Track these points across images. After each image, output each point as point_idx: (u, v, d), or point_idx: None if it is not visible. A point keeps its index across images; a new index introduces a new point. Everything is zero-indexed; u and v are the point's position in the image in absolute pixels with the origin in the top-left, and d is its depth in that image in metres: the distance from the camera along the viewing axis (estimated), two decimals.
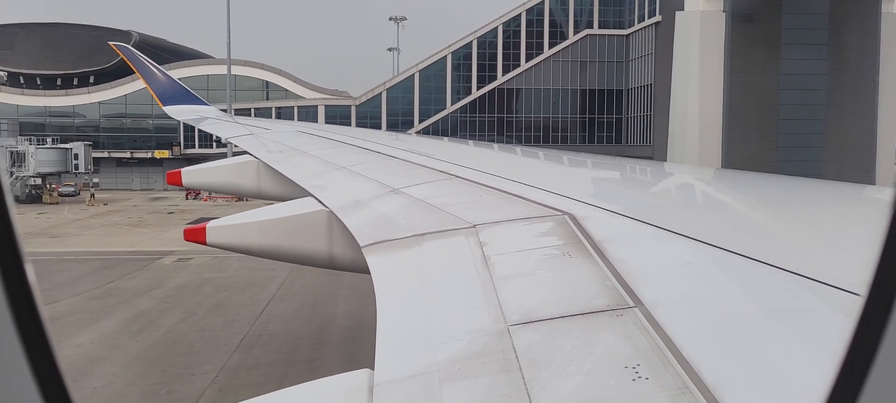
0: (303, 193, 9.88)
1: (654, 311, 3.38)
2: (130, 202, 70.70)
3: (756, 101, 65.26)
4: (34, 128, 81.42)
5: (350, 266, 8.00)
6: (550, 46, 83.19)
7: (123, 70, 68.97)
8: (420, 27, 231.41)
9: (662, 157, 67.55)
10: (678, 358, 2.88)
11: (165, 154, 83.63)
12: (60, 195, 69.90)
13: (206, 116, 24.55)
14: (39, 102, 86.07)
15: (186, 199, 71.35)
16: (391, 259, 5.64)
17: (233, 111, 70.11)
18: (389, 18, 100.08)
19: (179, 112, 24.85)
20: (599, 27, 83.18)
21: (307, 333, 23.19)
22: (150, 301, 27.64)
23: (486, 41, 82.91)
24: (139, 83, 54.63)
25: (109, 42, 30.19)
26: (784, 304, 3.52)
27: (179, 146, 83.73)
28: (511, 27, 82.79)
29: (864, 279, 1.33)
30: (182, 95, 25.76)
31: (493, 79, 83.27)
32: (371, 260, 5.59)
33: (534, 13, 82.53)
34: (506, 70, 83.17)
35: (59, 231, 49.24)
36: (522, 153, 17.29)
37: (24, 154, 67.52)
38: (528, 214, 6.12)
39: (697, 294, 3.79)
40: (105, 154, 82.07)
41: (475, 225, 5.93)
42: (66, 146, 71.79)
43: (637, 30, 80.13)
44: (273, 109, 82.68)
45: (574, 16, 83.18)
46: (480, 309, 3.95)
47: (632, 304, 3.57)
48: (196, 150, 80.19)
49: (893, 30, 65.92)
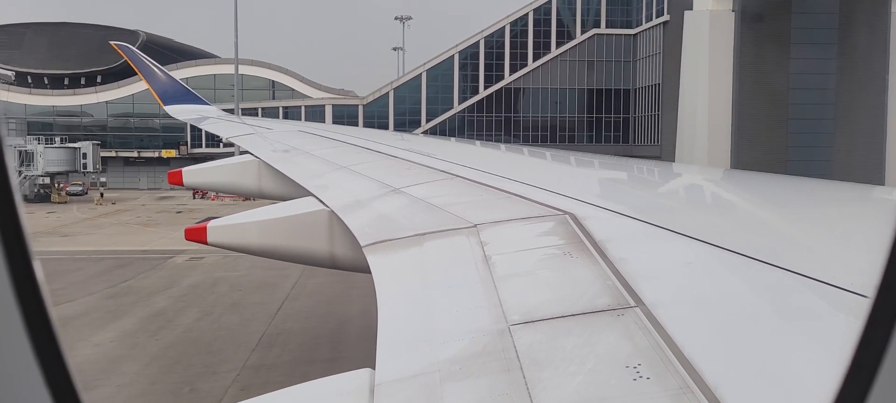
0: (304, 193, 9.91)
1: (656, 311, 3.38)
2: (138, 201, 70.95)
3: (765, 101, 65.19)
4: (42, 127, 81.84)
5: (351, 265, 8.02)
6: (558, 46, 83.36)
7: (131, 70, 69.07)
8: (424, 27, 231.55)
9: (670, 157, 67.50)
10: (679, 358, 2.89)
11: (172, 153, 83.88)
12: (68, 194, 70.20)
13: (208, 116, 24.53)
14: (47, 102, 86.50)
15: (194, 198, 71.58)
16: (392, 258, 5.64)
17: (240, 111, 70.26)
18: (395, 18, 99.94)
19: (181, 111, 24.86)
20: (607, 26, 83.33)
21: (325, 332, 23.26)
22: (166, 300, 27.78)
23: (494, 40, 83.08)
24: None
25: (111, 42, 30.22)
26: (786, 304, 3.52)
27: (186, 145, 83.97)
28: (518, 27, 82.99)
29: (870, 279, 1.33)
30: (183, 95, 25.85)
31: (501, 78, 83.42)
32: (372, 260, 5.61)
33: (541, 13, 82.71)
34: (513, 69, 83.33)
35: (70, 230, 49.47)
36: (523, 153, 17.31)
37: (33, 153, 67.82)
38: (529, 214, 6.12)
39: (699, 293, 3.79)
40: (112, 153, 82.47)
41: (476, 225, 5.93)
42: (75, 145, 72.15)
43: (644, 29, 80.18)
44: (280, 109, 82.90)
45: (581, 15, 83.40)
46: (481, 309, 3.96)
47: (633, 304, 3.57)
48: (203, 150, 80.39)
49: None
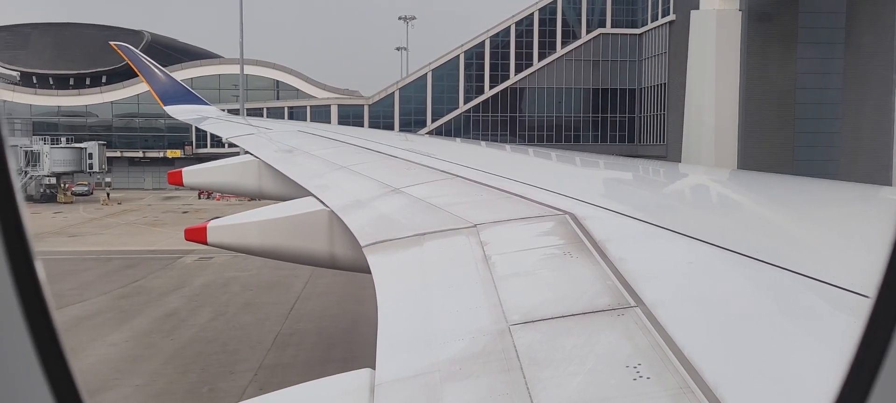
0: (304, 193, 9.93)
1: (656, 311, 3.39)
2: (144, 201, 71.10)
3: (772, 100, 65.26)
4: (47, 127, 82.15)
5: (351, 265, 8.05)
6: (563, 45, 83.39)
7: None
8: (427, 27, 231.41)
9: (676, 157, 67.51)
10: (679, 358, 2.90)
11: (177, 153, 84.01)
12: (74, 194, 70.30)
13: (207, 116, 24.58)
14: (52, 102, 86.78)
15: (199, 198, 71.72)
16: (392, 258, 5.66)
17: (245, 111, 70.33)
18: (399, 18, 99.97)
19: (180, 112, 24.91)
20: (612, 26, 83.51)
21: (339, 332, 23.31)
22: (178, 299, 27.86)
23: (499, 40, 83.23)
24: None
25: (111, 42, 30.23)
26: (786, 304, 3.53)
27: (191, 145, 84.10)
28: (523, 26, 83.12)
29: (871, 280, 1.33)
30: (183, 95, 25.93)
31: (506, 78, 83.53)
32: (372, 260, 5.62)
33: (546, 12, 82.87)
34: (518, 69, 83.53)
35: (77, 230, 49.60)
36: (523, 152, 17.31)
37: (39, 153, 67.95)
38: (529, 214, 6.13)
39: (699, 293, 3.80)
40: (117, 153, 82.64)
41: (476, 225, 5.94)
42: (81, 145, 72.37)
43: (650, 29, 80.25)
44: (285, 109, 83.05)
45: (587, 15, 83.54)
46: (481, 309, 3.97)
47: (633, 304, 3.58)
48: (208, 150, 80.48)
49: None
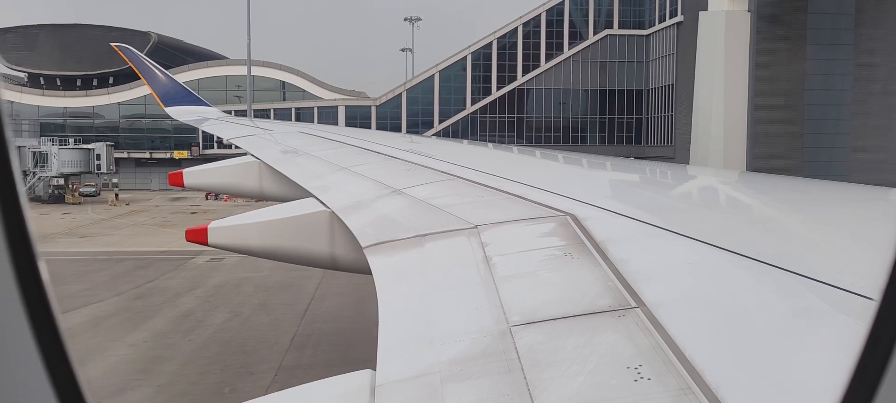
0: (304, 194, 9.94)
1: (656, 312, 3.40)
2: (151, 202, 71.34)
3: (781, 102, 65.21)
4: (54, 128, 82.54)
5: (351, 266, 8.07)
6: (570, 47, 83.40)
7: None
8: (430, 27, 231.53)
9: (684, 158, 67.47)
10: (680, 359, 2.91)
11: (184, 154, 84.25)
12: (81, 195, 70.45)
13: (208, 117, 24.68)
14: (59, 103, 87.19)
15: (206, 200, 71.83)
16: (393, 259, 5.66)
17: (252, 112, 70.37)
18: (404, 19, 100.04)
19: (181, 113, 24.98)
20: (619, 27, 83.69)
21: (356, 332, 23.39)
22: (193, 300, 27.98)
23: (506, 41, 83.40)
24: None
25: (112, 44, 30.29)
26: (788, 306, 3.54)
27: (198, 146, 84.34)
28: (530, 27, 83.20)
29: (874, 282, 1.33)
30: (184, 96, 26.01)
31: (513, 79, 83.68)
32: (372, 261, 5.63)
33: (553, 13, 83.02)
34: (526, 70, 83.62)
35: (87, 231, 49.81)
36: (524, 153, 17.32)
37: (47, 154, 68.17)
38: (530, 215, 6.16)
39: (700, 294, 3.82)
40: (124, 154, 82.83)
41: (477, 226, 5.97)
42: (89, 146, 72.60)
43: (658, 30, 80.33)
44: (292, 110, 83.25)
45: (594, 16, 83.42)
46: (482, 310, 3.98)
47: (634, 305, 3.59)
48: (214, 151, 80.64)
49: None
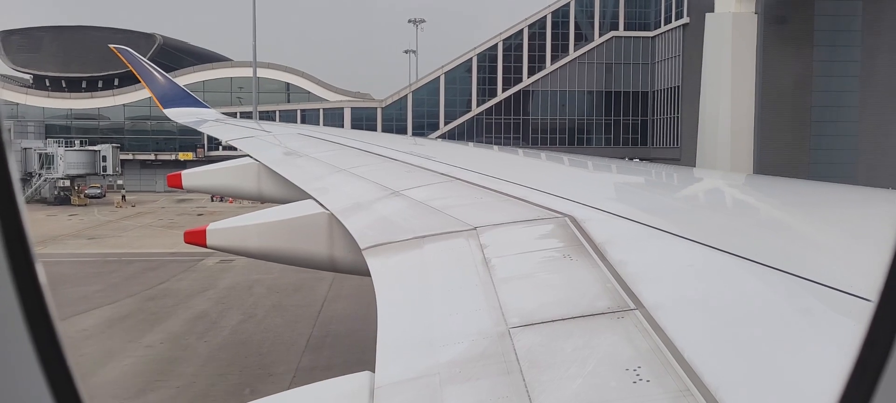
0: (303, 196, 9.96)
1: (655, 313, 3.40)
2: (157, 204, 71.50)
3: (788, 103, 65.26)
4: (59, 130, 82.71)
5: (350, 268, 8.08)
6: (575, 48, 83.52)
7: None
8: (431, 28, 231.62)
9: (690, 160, 67.51)
10: (679, 361, 2.91)
11: (189, 156, 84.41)
12: (86, 196, 70.52)
13: (206, 119, 24.75)
14: (64, 105, 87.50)
15: (212, 201, 71.87)
16: (392, 261, 5.68)
17: (257, 114, 70.43)
18: (408, 21, 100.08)
19: (179, 114, 25.05)
20: (625, 29, 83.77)
21: (371, 334, 23.23)
22: (206, 302, 28.03)
23: (512, 43, 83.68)
24: None
25: (111, 46, 30.23)
26: (786, 307, 3.56)
27: (203, 148, 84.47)
28: (536, 29, 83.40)
29: (872, 283, 1.34)
30: (182, 98, 26.05)
31: (519, 81, 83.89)
32: (371, 263, 5.65)
33: (559, 15, 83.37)
34: (531, 72, 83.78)
35: (95, 232, 49.97)
36: (523, 155, 17.28)
37: (53, 156, 68.27)
38: (529, 216, 6.17)
39: (699, 296, 3.83)
40: (129, 156, 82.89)
41: (476, 228, 5.98)
42: (95, 148, 72.73)
43: (663, 31, 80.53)
44: (298, 112, 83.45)
45: (599, 18, 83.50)
46: (481, 312, 3.99)
47: (633, 306, 3.59)
48: (220, 152, 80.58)
49: None
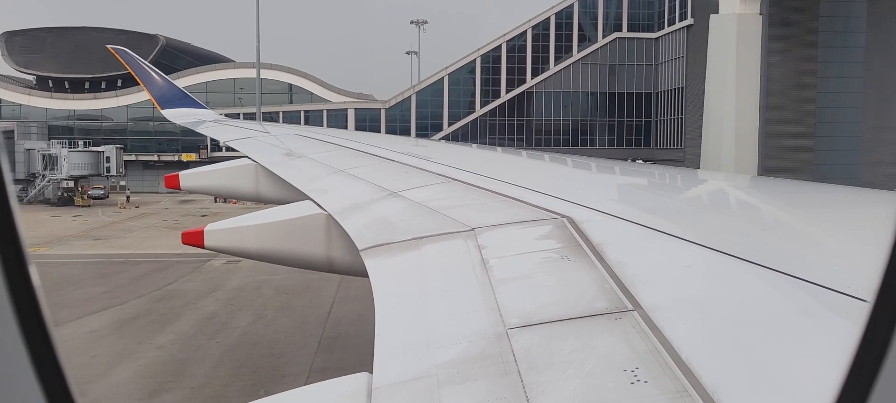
0: (301, 197, 9.98)
1: (653, 314, 3.42)
2: (161, 205, 71.63)
3: (792, 104, 65.36)
4: (62, 131, 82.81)
5: (348, 269, 8.10)
6: (579, 49, 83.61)
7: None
8: (432, 29, 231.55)
9: (694, 161, 67.58)
10: (677, 362, 2.92)
11: (192, 157, 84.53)
12: (89, 197, 70.54)
13: (204, 119, 24.84)
14: (67, 106, 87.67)
15: (215, 202, 71.78)
16: (389, 262, 5.69)
17: (261, 115, 70.46)
18: (411, 22, 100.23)
19: (177, 115, 25.16)
20: (628, 30, 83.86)
21: None
22: (215, 303, 28.10)
23: (515, 44, 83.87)
24: None
25: (108, 46, 30.25)
26: (783, 308, 3.57)
27: (206, 149, 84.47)
28: (540, 30, 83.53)
29: (871, 281, 1.35)
30: (180, 99, 26.15)
31: (522, 82, 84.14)
32: (369, 264, 5.65)
33: (563, 16, 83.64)
34: (534, 73, 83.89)
35: (101, 233, 50.10)
36: (521, 156, 17.22)
37: (57, 157, 68.32)
38: (527, 217, 6.19)
39: (696, 297, 3.85)
40: (132, 157, 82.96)
41: (474, 229, 5.99)
42: (99, 149, 72.84)
43: (667, 33, 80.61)
44: (302, 113, 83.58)
45: (603, 19, 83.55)
46: (479, 313, 4.00)
47: (630, 307, 3.60)
48: (223, 153, 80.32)
49: None
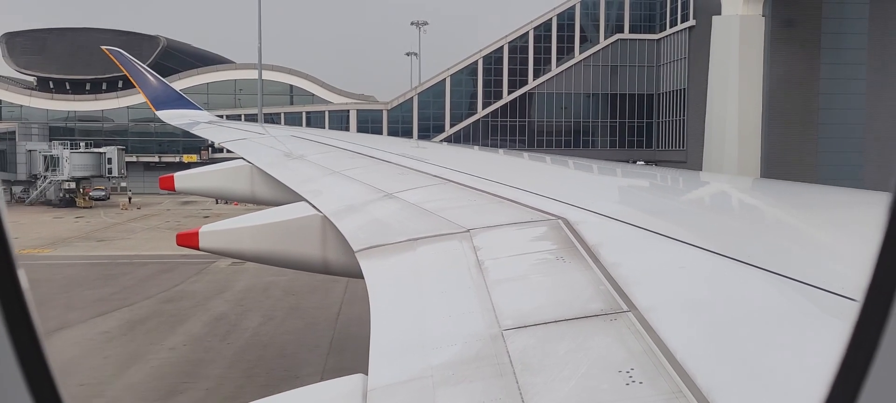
0: (296, 198, 9.98)
1: (648, 315, 3.42)
2: (162, 206, 71.63)
3: (796, 106, 65.47)
4: (63, 132, 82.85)
5: (344, 271, 8.10)
6: (581, 51, 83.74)
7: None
8: (433, 31, 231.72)
9: (696, 162, 67.70)
10: (672, 363, 2.93)
11: (194, 158, 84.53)
12: (91, 198, 70.48)
13: (199, 121, 24.80)
14: (68, 107, 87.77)
15: (216, 204, 71.69)
16: (385, 263, 5.69)
17: (263, 116, 70.44)
18: (411, 23, 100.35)
19: (172, 116, 25.16)
20: (630, 32, 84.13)
21: None
22: (224, 304, 28.12)
23: (517, 45, 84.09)
24: None
25: (102, 47, 30.26)
26: (778, 308, 3.58)
27: (208, 150, 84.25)
28: (541, 31, 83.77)
29: (861, 281, 1.35)
30: (175, 100, 26.19)
31: (524, 83, 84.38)
32: (365, 265, 5.65)
33: (564, 18, 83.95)
34: (536, 74, 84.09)
35: (104, 235, 50.15)
36: (518, 157, 17.26)
37: (59, 158, 68.30)
38: (522, 219, 6.20)
39: (691, 298, 3.86)
40: (133, 158, 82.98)
41: (469, 230, 5.99)
42: (101, 150, 72.78)
43: (669, 34, 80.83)
44: (303, 114, 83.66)
45: (604, 20, 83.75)
46: (474, 314, 4.00)
47: (625, 308, 3.61)
48: (225, 154, 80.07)
49: None
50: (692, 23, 75.96)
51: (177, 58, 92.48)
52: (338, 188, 10.14)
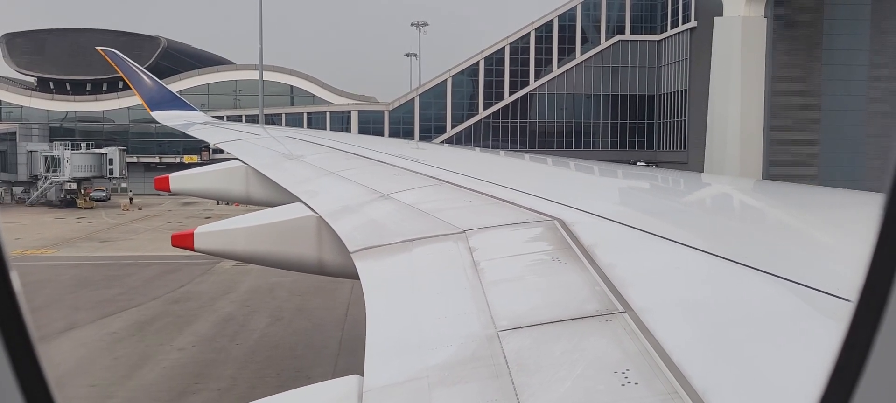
0: (292, 198, 9.99)
1: (644, 316, 3.45)
2: (163, 207, 71.67)
3: (797, 107, 65.61)
4: (63, 133, 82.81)
5: (339, 271, 8.11)
6: (582, 52, 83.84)
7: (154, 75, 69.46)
8: (432, 32, 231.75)
9: (698, 164, 67.84)
10: (667, 363, 2.95)
11: (194, 159, 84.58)
12: (92, 199, 70.47)
13: (194, 122, 24.81)
14: (69, 108, 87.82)
15: (217, 205, 71.67)
16: (380, 264, 5.72)
17: (264, 117, 70.46)
18: (411, 24, 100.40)
19: (167, 117, 25.19)
20: (631, 33, 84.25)
21: None
22: (230, 305, 28.19)
23: (518, 47, 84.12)
24: None
25: (97, 48, 30.31)
26: (773, 309, 3.61)
27: (208, 151, 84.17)
28: (543, 32, 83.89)
29: (856, 282, 1.36)
30: (170, 101, 26.26)
31: (525, 84, 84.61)
32: (360, 266, 5.68)
33: (566, 19, 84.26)
34: (538, 75, 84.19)
35: (107, 236, 50.23)
36: (514, 158, 17.30)
37: (60, 159, 68.29)
38: (518, 220, 6.23)
39: (687, 299, 3.90)
40: (134, 159, 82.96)
41: (465, 231, 6.01)
42: (102, 151, 72.74)
43: (670, 35, 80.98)
44: (304, 115, 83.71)
45: (605, 21, 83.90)
46: (470, 315, 4.03)
47: (621, 309, 3.64)
48: (225, 155, 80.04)
49: None
50: (693, 24, 76.25)
51: (177, 58, 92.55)
52: (333, 189, 10.18)
